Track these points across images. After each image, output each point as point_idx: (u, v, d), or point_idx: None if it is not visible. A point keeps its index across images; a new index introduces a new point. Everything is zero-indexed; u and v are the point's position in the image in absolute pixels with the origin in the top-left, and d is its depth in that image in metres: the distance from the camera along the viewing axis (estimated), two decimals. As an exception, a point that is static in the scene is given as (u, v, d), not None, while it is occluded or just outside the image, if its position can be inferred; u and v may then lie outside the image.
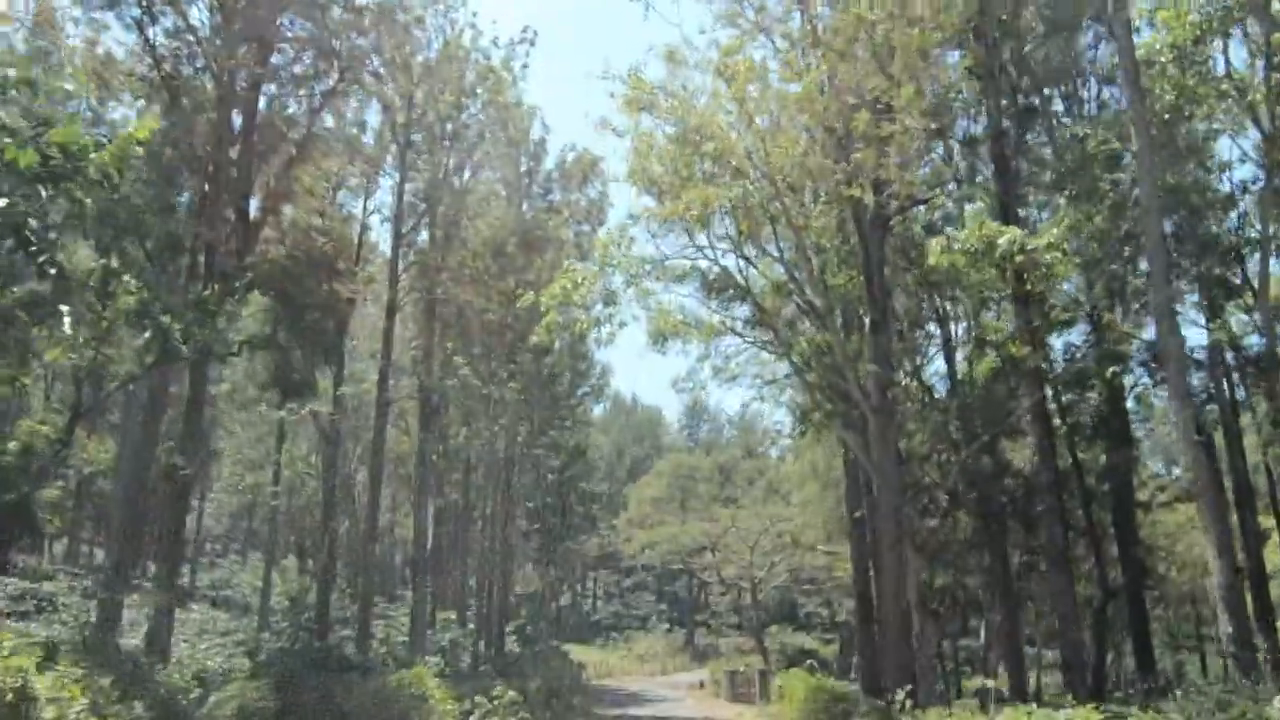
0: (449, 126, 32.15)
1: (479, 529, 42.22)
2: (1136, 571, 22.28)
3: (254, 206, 20.56)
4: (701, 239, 18.81)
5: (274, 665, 16.49)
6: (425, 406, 29.72)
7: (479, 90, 29.62)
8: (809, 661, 29.14)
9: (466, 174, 34.97)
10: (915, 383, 23.81)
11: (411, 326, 32.60)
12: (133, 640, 20.08)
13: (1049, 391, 20.78)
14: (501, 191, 35.40)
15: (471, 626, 40.63)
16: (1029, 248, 12.90)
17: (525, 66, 32.54)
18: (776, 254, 19.72)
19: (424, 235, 31.44)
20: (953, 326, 23.99)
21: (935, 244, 14.28)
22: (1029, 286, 15.38)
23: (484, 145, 35.41)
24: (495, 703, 16.45)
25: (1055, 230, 12.96)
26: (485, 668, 31.53)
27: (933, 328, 23.68)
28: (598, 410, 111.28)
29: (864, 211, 17.92)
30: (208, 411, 42.43)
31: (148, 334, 13.45)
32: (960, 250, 13.56)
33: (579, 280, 17.40)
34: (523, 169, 38.51)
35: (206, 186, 19.52)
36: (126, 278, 12.38)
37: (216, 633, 26.25)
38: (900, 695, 16.14)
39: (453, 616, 41.89)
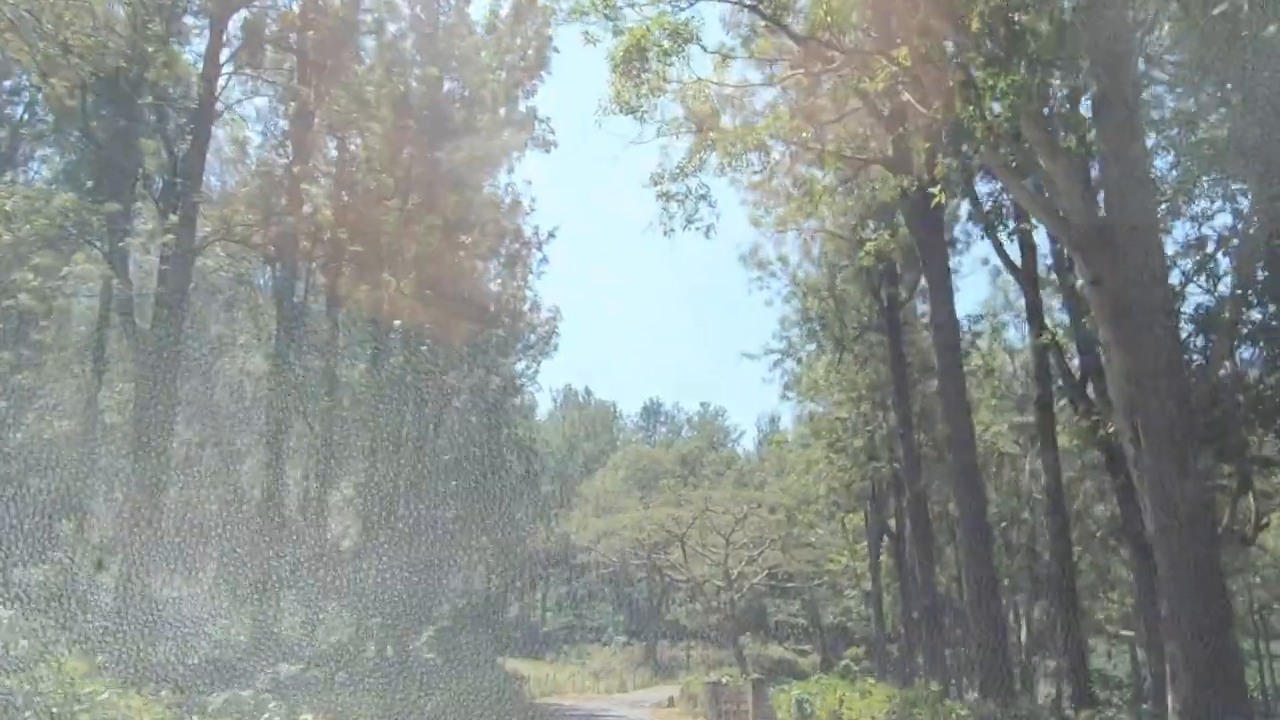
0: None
1: (398, 506, 32.64)
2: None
3: None
4: None
5: None
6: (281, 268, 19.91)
7: None
8: (843, 662, 19.91)
9: None
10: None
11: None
12: None
13: None
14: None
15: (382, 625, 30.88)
16: None
17: None
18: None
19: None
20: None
21: None
22: None
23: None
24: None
25: None
26: (373, 678, 21.78)
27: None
28: (545, 406, 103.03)
29: None
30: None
31: None
32: None
33: None
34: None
35: None
36: None
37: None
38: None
39: (350, 618, 31.84)
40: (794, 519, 41.22)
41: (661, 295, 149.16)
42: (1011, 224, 19.87)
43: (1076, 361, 22.78)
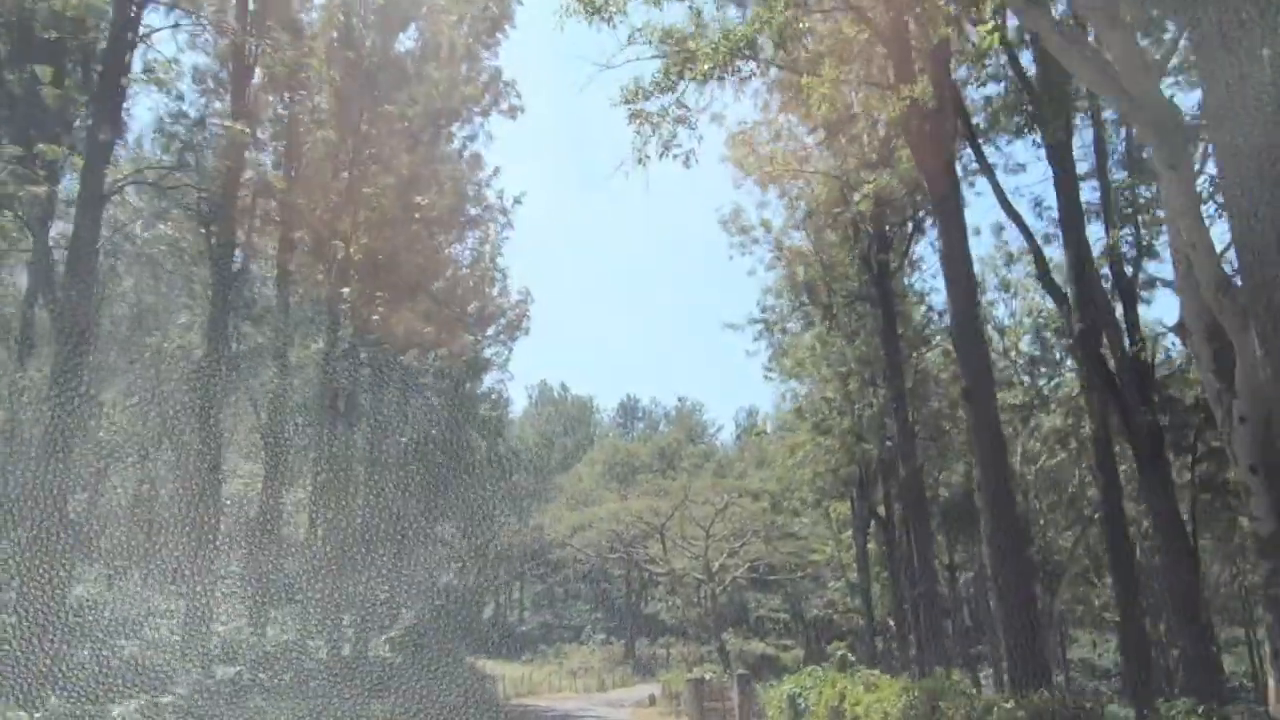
0: None
1: (357, 496, 30.49)
2: None
3: None
4: None
5: None
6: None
7: None
8: (840, 651, 18.10)
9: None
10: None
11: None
12: None
13: None
14: None
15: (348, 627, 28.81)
16: None
17: None
18: None
19: None
20: None
21: None
22: None
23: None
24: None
25: None
26: (322, 680, 19.75)
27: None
28: (521, 401, 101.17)
29: None
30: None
31: None
32: None
33: None
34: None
35: None
36: None
37: None
38: None
39: (303, 616, 29.68)
40: (778, 506, 39.39)
41: (641, 295, 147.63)
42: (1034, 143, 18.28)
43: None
